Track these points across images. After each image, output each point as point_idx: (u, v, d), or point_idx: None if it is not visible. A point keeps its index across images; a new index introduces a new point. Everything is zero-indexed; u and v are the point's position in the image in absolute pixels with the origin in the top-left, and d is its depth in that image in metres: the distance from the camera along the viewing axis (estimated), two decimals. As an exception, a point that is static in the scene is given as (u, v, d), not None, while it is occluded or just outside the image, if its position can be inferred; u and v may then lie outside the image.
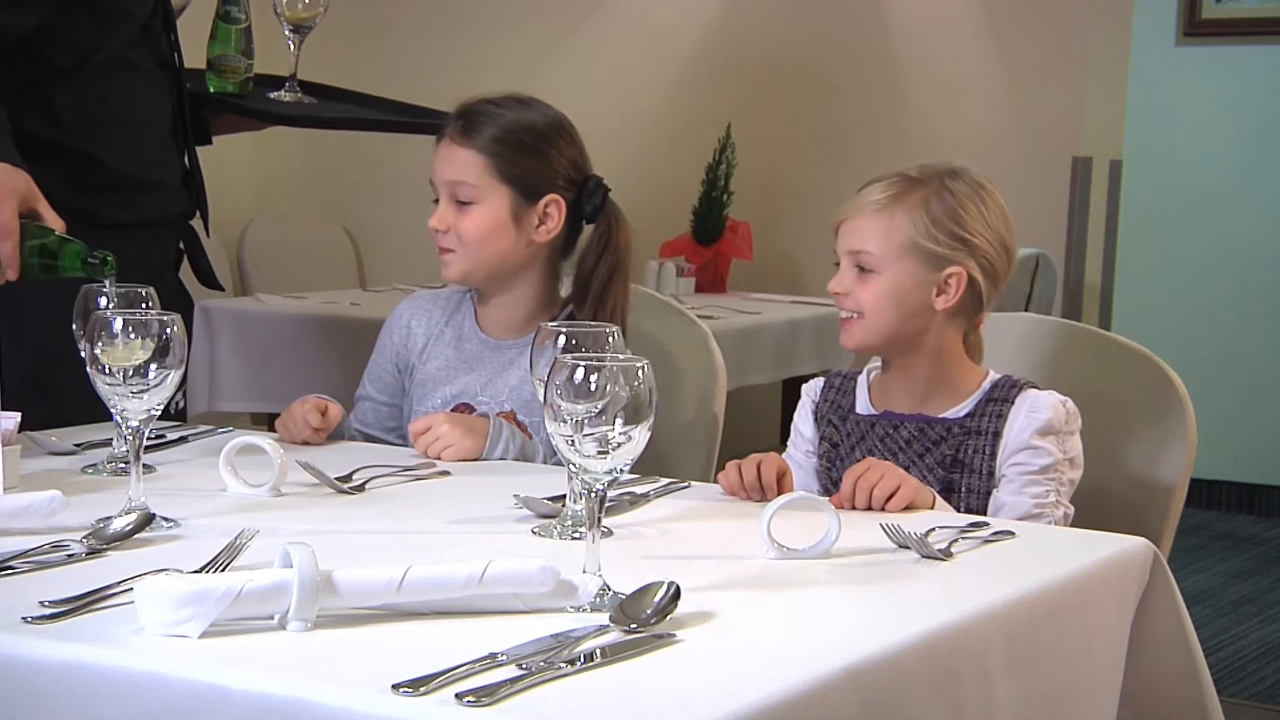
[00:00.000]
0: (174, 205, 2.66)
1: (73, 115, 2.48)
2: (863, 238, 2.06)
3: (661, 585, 1.40)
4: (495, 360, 2.36)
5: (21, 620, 1.33)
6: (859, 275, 2.07)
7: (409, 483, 2.00)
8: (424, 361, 2.39)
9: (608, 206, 2.36)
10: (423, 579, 1.38)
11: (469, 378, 2.36)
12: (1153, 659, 1.75)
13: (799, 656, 1.31)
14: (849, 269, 2.08)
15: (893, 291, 2.05)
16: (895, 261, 2.05)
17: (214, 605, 1.30)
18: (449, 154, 2.31)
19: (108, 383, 1.66)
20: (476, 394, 2.34)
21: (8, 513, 1.66)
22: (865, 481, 1.89)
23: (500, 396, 2.33)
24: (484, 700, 1.17)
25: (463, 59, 5.48)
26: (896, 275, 2.05)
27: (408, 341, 2.42)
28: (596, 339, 1.77)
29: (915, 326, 2.07)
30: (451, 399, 2.35)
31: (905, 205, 2.05)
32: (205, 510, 1.78)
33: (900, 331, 2.07)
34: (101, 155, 2.51)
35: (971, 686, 1.45)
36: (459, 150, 2.30)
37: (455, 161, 2.30)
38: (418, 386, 2.39)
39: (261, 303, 4.17)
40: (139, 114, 2.57)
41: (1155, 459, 2.18)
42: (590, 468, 1.42)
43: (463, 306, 2.42)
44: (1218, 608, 4.78)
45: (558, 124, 2.35)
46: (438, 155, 2.33)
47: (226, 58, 2.81)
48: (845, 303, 2.08)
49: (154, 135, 2.61)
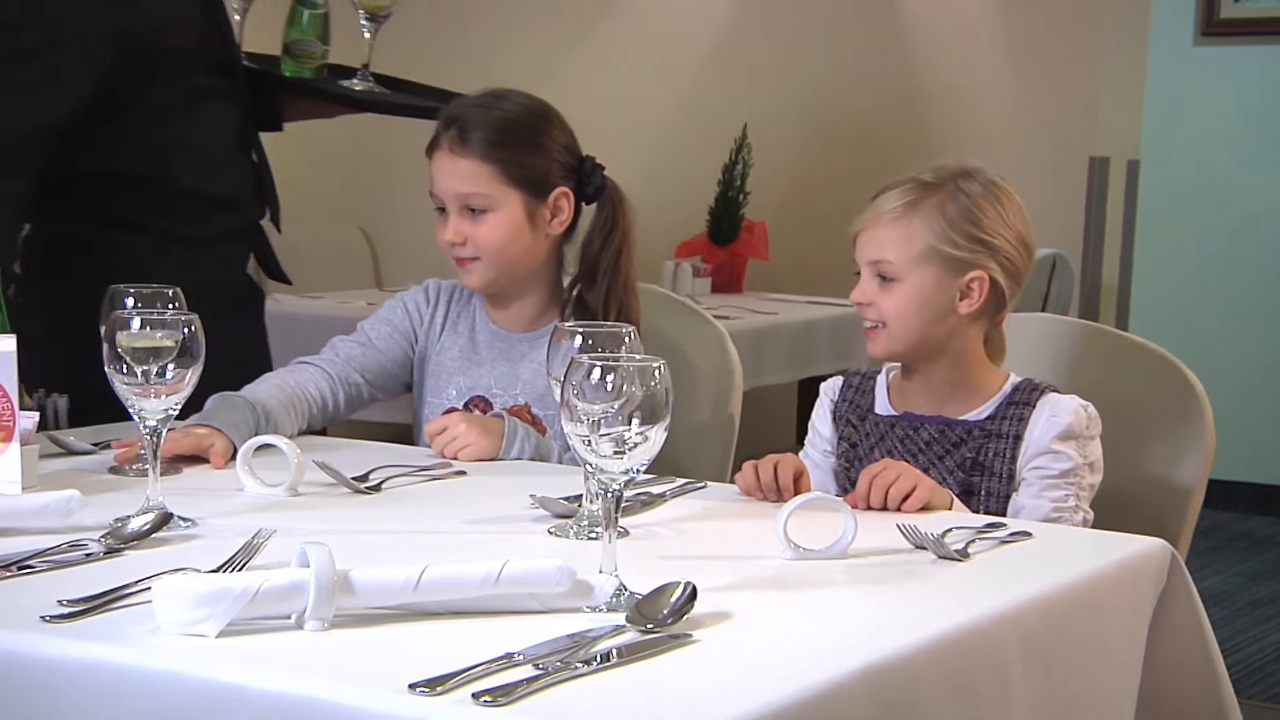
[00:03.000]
0: (251, 214, 2.70)
1: (141, 147, 2.51)
2: (881, 247, 2.06)
3: (678, 585, 1.39)
4: (508, 353, 2.36)
5: (39, 619, 1.33)
6: (881, 284, 2.06)
7: (425, 482, 2.00)
8: (439, 351, 2.39)
9: (607, 185, 2.36)
10: (439, 579, 1.38)
11: (481, 370, 2.36)
12: (1170, 660, 1.74)
13: (815, 657, 1.31)
14: (870, 279, 2.07)
15: (916, 299, 2.04)
16: (916, 269, 2.04)
17: (231, 605, 1.31)
18: (451, 166, 2.29)
19: (125, 382, 1.66)
20: (490, 387, 2.35)
21: (26, 512, 1.66)
22: (881, 481, 1.88)
23: (514, 390, 2.33)
24: (500, 700, 1.17)
25: (476, 60, 5.48)
26: (918, 282, 2.04)
27: (427, 323, 2.40)
28: (613, 339, 1.77)
29: (940, 332, 2.06)
30: (466, 391, 2.35)
31: (922, 212, 2.04)
32: (222, 510, 1.79)
33: (926, 338, 2.06)
34: (174, 177, 2.54)
35: (988, 688, 1.45)
36: (461, 161, 2.28)
37: (460, 173, 2.28)
38: (431, 377, 2.39)
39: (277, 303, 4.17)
40: (201, 135, 2.58)
41: (1173, 460, 2.17)
42: (606, 468, 1.42)
43: (473, 299, 2.42)
44: (1236, 609, 4.77)
45: (544, 112, 2.34)
46: (437, 167, 2.30)
47: (303, 42, 2.78)
48: (868, 313, 2.07)
49: (221, 151, 2.62)
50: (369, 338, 2.38)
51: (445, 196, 2.30)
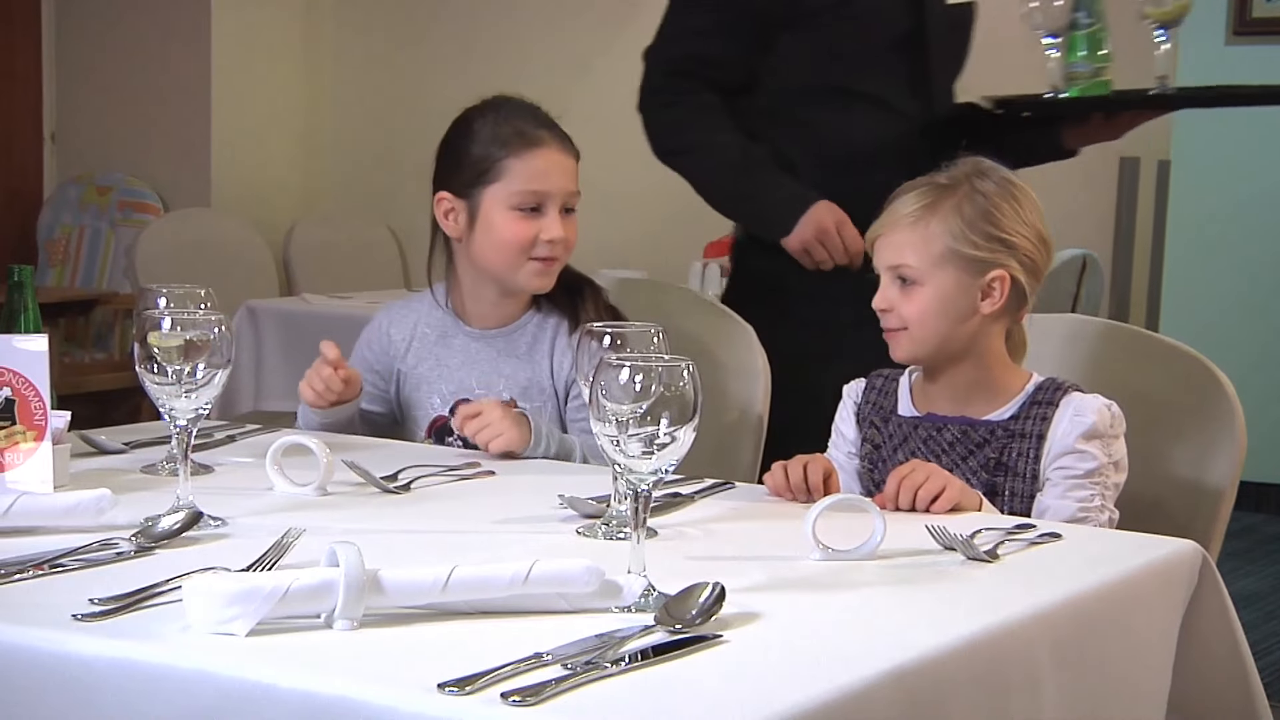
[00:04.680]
0: None
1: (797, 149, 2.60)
2: (900, 251, 2.05)
3: (706, 586, 1.39)
4: (485, 352, 2.37)
5: (71, 618, 1.34)
6: (901, 288, 2.06)
7: (454, 482, 2.00)
8: (412, 365, 2.40)
9: None
10: (468, 578, 1.38)
11: (462, 373, 2.37)
12: (1201, 663, 1.73)
13: (844, 658, 1.31)
14: (890, 283, 2.07)
15: (937, 300, 2.04)
16: (937, 270, 2.04)
17: (261, 604, 1.31)
18: (562, 161, 2.32)
19: (156, 382, 1.67)
20: (473, 388, 2.35)
21: (58, 511, 1.67)
22: (910, 482, 1.88)
23: (498, 387, 2.34)
24: (529, 700, 1.17)
25: (506, 60, 5.49)
26: (939, 284, 2.04)
27: (389, 349, 2.43)
28: (641, 339, 1.78)
29: (963, 333, 2.05)
30: (450, 396, 2.36)
31: (939, 214, 2.04)
32: (252, 509, 1.79)
33: (949, 339, 2.05)
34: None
35: (1017, 690, 1.44)
36: (566, 158, 2.33)
37: (570, 169, 2.33)
38: (412, 390, 2.40)
39: (307, 303, 4.20)
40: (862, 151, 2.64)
41: (1204, 461, 2.16)
42: (635, 468, 1.42)
43: (437, 306, 2.43)
44: (1267, 611, 4.74)
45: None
46: (542, 162, 2.32)
47: (1074, 64, 2.76)
48: (889, 318, 2.07)
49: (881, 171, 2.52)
50: (366, 392, 2.41)
51: (554, 194, 2.31)
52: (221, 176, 5.48)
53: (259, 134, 5.60)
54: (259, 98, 5.60)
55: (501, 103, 2.38)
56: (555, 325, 2.37)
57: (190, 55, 5.44)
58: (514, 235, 2.31)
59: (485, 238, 2.34)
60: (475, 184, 2.34)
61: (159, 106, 5.50)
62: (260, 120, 5.61)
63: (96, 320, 5.12)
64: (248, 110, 5.55)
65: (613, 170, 4.45)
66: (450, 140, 2.40)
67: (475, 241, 2.35)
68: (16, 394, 1.81)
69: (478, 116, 2.37)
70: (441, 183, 2.40)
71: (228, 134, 5.49)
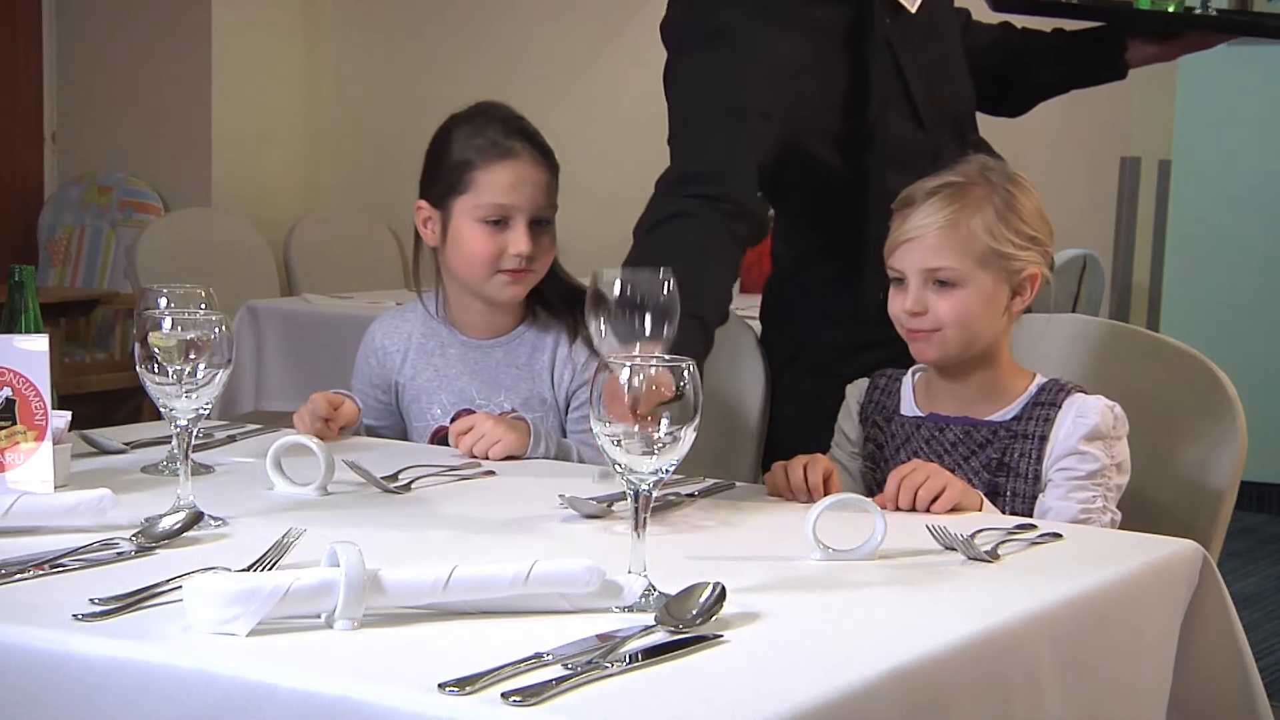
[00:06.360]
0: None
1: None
2: (937, 254, 2.02)
3: (707, 586, 1.39)
4: (484, 362, 2.35)
5: (71, 618, 1.34)
6: (938, 290, 2.02)
7: (455, 482, 2.00)
8: (409, 377, 2.39)
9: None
10: (468, 578, 1.38)
11: (461, 383, 2.35)
12: (1202, 663, 1.73)
13: (845, 658, 1.31)
14: (921, 287, 2.03)
15: (979, 301, 2.02)
16: (979, 271, 2.01)
17: (262, 604, 1.31)
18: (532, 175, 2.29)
19: (156, 381, 1.67)
20: (474, 398, 2.34)
21: (58, 511, 1.67)
22: (910, 482, 1.88)
23: (498, 397, 2.33)
24: (529, 700, 1.17)
25: (505, 57, 5.48)
26: (981, 285, 2.02)
27: (385, 361, 2.42)
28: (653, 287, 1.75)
29: (993, 332, 2.04)
30: (450, 407, 2.35)
31: (971, 212, 2.02)
32: (253, 509, 1.79)
33: (981, 339, 2.04)
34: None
35: (1018, 690, 1.44)
36: (538, 172, 2.30)
37: (541, 182, 2.29)
38: (412, 402, 2.39)
39: (308, 302, 4.19)
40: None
41: (1205, 461, 2.16)
42: (636, 468, 1.42)
43: (429, 316, 2.41)
44: (1268, 612, 4.74)
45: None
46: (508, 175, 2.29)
47: None
48: (922, 321, 2.03)
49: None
50: (370, 407, 2.41)
51: (521, 207, 2.28)
52: (222, 176, 5.47)
53: (259, 134, 5.60)
54: (259, 98, 5.60)
55: (480, 111, 2.35)
56: (555, 337, 2.34)
57: (190, 55, 5.44)
58: (479, 249, 2.28)
59: (455, 250, 2.32)
60: (448, 195, 2.32)
61: (159, 106, 5.50)
62: (261, 120, 5.61)
63: (97, 320, 5.13)
64: (248, 110, 5.55)
65: (613, 169, 4.45)
66: (431, 147, 2.38)
67: (448, 252, 2.34)
68: (17, 394, 1.81)
69: (456, 125, 2.34)
70: (422, 190, 2.38)
71: (228, 134, 5.49)
